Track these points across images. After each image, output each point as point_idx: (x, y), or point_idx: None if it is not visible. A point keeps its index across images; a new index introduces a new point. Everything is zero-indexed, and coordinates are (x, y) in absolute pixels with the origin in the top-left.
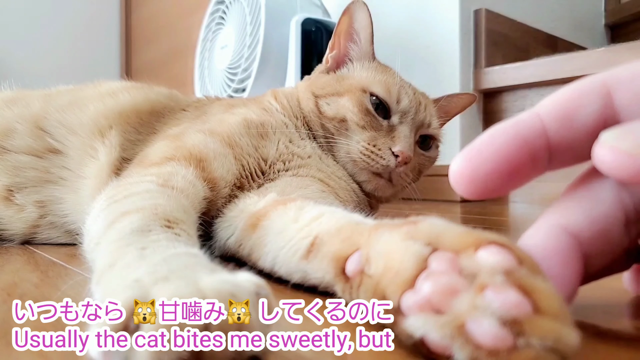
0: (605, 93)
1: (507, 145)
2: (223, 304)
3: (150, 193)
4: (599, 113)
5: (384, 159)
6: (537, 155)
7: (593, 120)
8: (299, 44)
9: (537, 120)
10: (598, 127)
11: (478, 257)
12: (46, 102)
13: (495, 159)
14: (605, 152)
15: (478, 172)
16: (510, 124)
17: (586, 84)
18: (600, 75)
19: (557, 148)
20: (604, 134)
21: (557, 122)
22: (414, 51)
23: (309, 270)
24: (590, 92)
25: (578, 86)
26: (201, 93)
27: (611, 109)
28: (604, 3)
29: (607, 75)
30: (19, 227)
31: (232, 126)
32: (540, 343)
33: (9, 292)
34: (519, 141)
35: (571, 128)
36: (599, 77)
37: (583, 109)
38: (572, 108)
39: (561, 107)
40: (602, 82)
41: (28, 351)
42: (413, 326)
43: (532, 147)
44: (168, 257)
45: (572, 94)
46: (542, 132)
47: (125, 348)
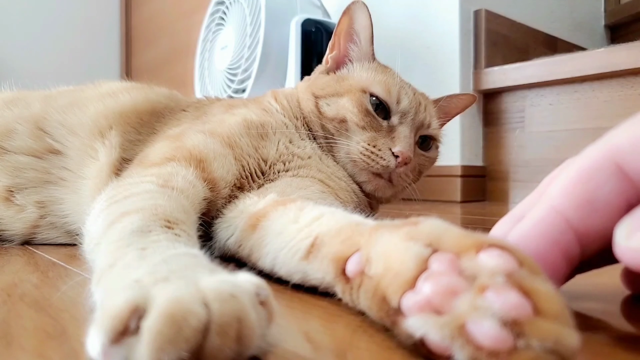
0: (616, 168)
1: (540, 252)
2: (223, 304)
3: (150, 193)
4: (618, 189)
5: (384, 159)
6: (570, 252)
7: (615, 198)
8: (299, 45)
9: (558, 216)
10: (621, 202)
11: (479, 259)
12: (46, 103)
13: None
14: (621, 251)
15: None
16: (534, 226)
17: (591, 164)
18: (602, 152)
19: (585, 233)
20: (617, 232)
21: (579, 211)
22: (414, 52)
23: (309, 271)
24: (599, 170)
25: (584, 168)
26: (201, 93)
27: (627, 180)
28: (603, 4)
29: (609, 150)
30: (19, 227)
31: (232, 127)
32: (540, 344)
33: (8, 292)
34: (550, 244)
35: (596, 212)
36: (601, 155)
37: (600, 190)
38: (589, 192)
39: (577, 194)
40: (607, 159)
41: (28, 351)
42: (413, 326)
43: (562, 245)
44: (168, 258)
45: (582, 177)
46: (567, 227)
47: (126, 348)
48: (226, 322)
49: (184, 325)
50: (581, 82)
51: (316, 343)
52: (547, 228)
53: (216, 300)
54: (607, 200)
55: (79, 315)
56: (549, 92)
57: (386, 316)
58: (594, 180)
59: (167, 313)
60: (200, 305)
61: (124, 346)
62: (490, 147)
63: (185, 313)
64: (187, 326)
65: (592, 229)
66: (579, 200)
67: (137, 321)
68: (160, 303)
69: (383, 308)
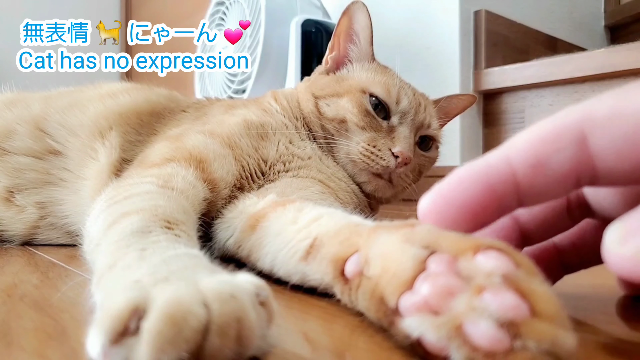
0: (580, 137)
1: (472, 191)
2: (223, 305)
3: (150, 194)
4: (573, 160)
5: (383, 159)
6: (504, 200)
7: (567, 168)
8: (299, 45)
9: (507, 166)
10: (571, 173)
11: (476, 261)
12: (46, 104)
13: (459, 205)
14: (613, 259)
15: (443, 215)
16: (479, 167)
17: (561, 124)
18: (576, 114)
19: (527, 192)
20: (608, 236)
21: (528, 168)
22: (414, 52)
23: (308, 272)
24: (564, 134)
25: (552, 127)
26: (201, 94)
27: (586, 154)
28: (603, 4)
29: (583, 115)
30: (19, 228)
31: (232, 127)
32: (536, 345)
33: (8, 293)
34: (484, 188)
35: (543, 174)
36: (574, 117)
37: (556, 155)
38: (544, 153)
39: (534, 152)
40: (577, 123)
41: (28, 352)
42: (410, 326)
43: (498, 194)
44: (168, 258)
45: (546, 137)
46: (510, 179)
47: (125, 349)
48: (226, 322)
49: (184, 325)
50: (581, 82)
51: (315, 343)
52: (490, 175)
53: (216, 301)
54: (557, 168)
55: (79, 316)
56: (549, 92)
57: (384, 317)
58: (555, 144)
59: (167, 313)
60: (200, 305)
61: (123, 347)
62: (490, 148)
63: (185, 313)
64: (187, 327)
65: (534, 187)
66: (532, 159)
67: (137, 322)
68: (160, 303)
69: (381, 309)
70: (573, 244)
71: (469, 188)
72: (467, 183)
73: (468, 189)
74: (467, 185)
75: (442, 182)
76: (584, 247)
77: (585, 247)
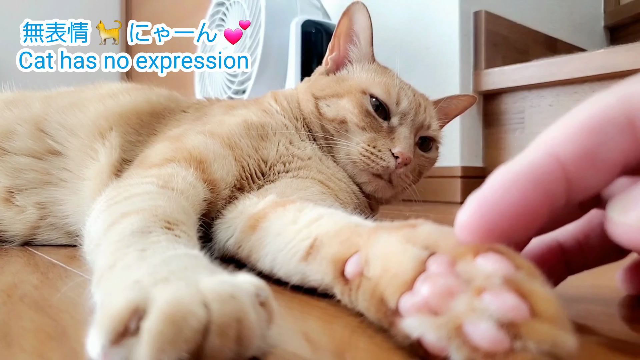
0: (628, 123)
1: (523, 196)
2: (223, 305)
3: (151, 194)
4: (624, 147)
5: (383, 160)
6: (557, 200)
7: (616, 156)
8: (299, 46)
9: (556, 163)
10: (620, 161)
11: (476, 262)
12: (46, 104)
13: (511, 213)
14: (615, 228)
15: (491, 227)
16: (523, 168)
17: (603, 112)
18: (615, 100)
19: (576, 187)
20: (610, 208)
21: (578, 162)
22: (414, 53)
23: (308, 272)
24: (610, 122)
25: (594, 116)
26: (201, 94)
27: (635, 141)
28: (603, 5)
29: (623, 100)
30: (19, 228)
31: (232, 128)
32: (537, 346)
33: (8, 293)
34: (537, 190)
35: (592, 167)
36: (613, 104)
37: (606, 146)
38: (594, 144)
39: (581, 143)
40: (620, 109)
41: (28, 352)
42: (410, 327)
43: (551, 194)
44: (168, 259)
45: (592, 126)
46: (561, 175)
47: (125, 349)
48: (226, 322)
49: (184, 326)
50: (581, 83)
51: (315, 343)
52: (540, 175)
53: (216, 301)
54: (608, 158)
55: (79, 316)
56: (548, 93)
57: (384, 317)
58: (603, 133)
59: (167, 314)
60: (200, 306)
61: (123, 347)
62: (490, 148)
63: (185, 314)
64: (187, 327)
65: (584, 184)
66: (582, 152)
67: (137, 322)
68: (160, 304)
69: (381, 309)
70: (578, 243)
71: (520, 193)
72: (516, 188)
73: (519, 193)
74: (517, 191)
75: (480, 192)
76: (588, 246)
77: (589, 245)
